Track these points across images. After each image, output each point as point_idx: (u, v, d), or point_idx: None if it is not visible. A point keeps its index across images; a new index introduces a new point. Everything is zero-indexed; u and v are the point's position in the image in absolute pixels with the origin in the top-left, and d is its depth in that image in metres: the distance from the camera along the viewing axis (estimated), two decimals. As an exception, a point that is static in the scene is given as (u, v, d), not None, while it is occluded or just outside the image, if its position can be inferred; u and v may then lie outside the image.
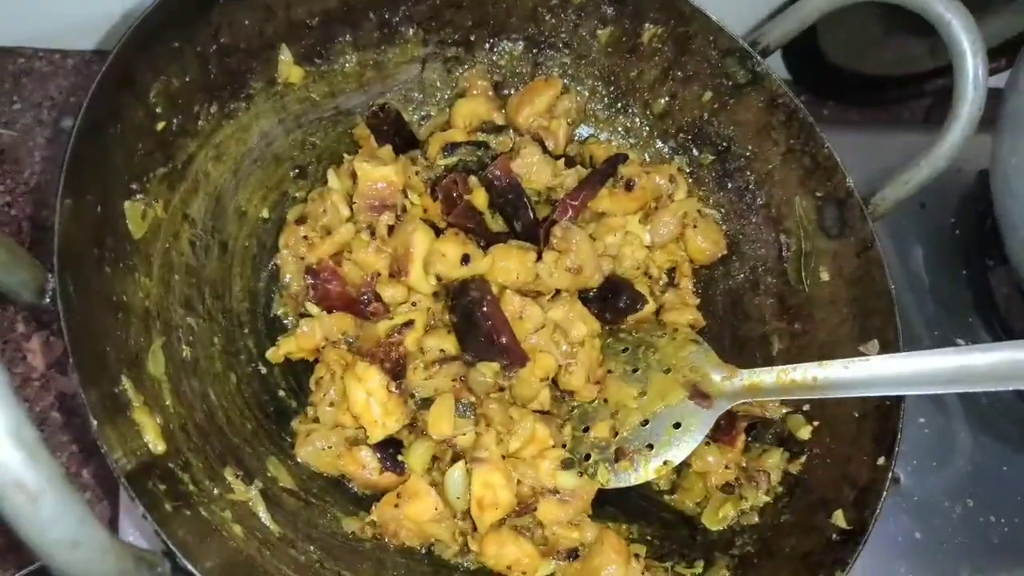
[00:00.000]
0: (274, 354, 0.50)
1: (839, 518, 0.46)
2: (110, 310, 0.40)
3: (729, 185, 0.59)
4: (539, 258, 0.51)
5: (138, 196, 0.44)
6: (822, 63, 0.75)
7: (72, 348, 0.33)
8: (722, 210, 0.59)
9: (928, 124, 0.84)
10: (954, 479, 0.66)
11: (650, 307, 0.55)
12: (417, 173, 0.52)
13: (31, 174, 0.65)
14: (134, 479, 0.35)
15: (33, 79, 0.70)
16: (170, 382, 0.43)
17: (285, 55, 0.52)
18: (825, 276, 0.54)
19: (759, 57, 0.54)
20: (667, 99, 0.59)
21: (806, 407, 0.53)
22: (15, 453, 0.22)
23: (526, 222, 0.52)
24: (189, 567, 0.33)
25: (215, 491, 0.41)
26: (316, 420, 0.48)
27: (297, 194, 0.55)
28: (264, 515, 0.43)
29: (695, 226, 0.56)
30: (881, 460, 0.46)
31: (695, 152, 0.60)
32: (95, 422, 0.33)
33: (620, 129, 0.61)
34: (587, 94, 0.60)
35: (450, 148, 0.54)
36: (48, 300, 0.34)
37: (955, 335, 0.74)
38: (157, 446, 0.39)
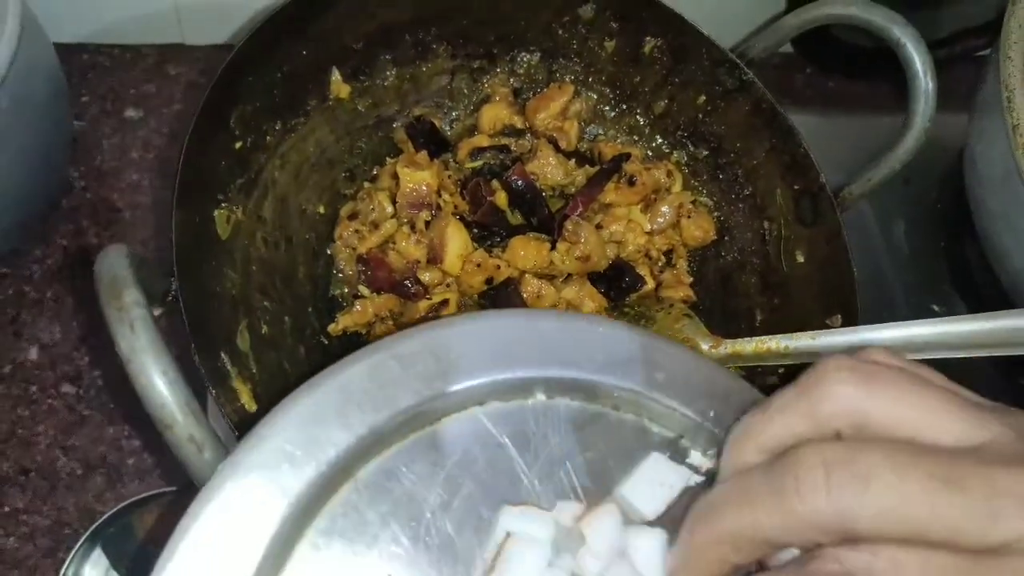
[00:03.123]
0: (334, 328, 0.59)
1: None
2: (210, 301, 0.50)
3: (721, 177, 0.68)
4: (553, 247, 0.61)
5: (223, 205, 0.53)
6: (827, 38, 0.81)
7: (193, 337, 0.44)
8: (715, 198, 0.68)
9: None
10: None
11: (650, 285, 0.64)
12: (449, 176, 0.62)
13: (101, 161, 0.75)
14: (239, 431, 0.46)
15: (97, 73, 0.79)
16: (255, 355, 0.53)
17: (335, 76, 0.61)
18: (800, 258, 0.63)
19: (745, 67, 0.62)
20: (666, 102, 0.67)
21: (781, 370, 0.62)
22: (187, 417, 0.32)
23: (541, 217, 0.61)
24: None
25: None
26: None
27: (347, 192, 0.64)
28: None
29: (689, 216, 0.64)
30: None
31: (691, 147, 0.68)
32: (213, 391, 0.44)
33: (625, 128, 0.69)
34: (596, 98, 0.69)
35: (476, 153, 0.63)
36: (170, 299, 0.44)
37: (931, 302, 0.82)
38: (251, 406, 0.49)
